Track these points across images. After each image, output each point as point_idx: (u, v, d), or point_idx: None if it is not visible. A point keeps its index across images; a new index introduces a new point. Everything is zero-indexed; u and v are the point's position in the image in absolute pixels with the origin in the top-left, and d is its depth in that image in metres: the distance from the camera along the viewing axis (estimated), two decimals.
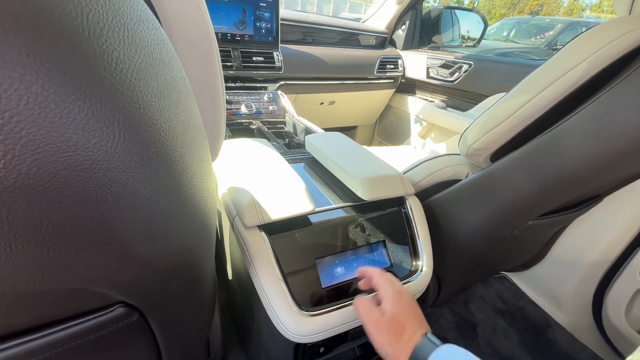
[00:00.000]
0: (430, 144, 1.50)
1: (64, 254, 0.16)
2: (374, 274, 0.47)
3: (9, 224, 0.12)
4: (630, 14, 0.48)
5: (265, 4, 1.10)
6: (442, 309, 0.98)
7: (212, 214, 0.33)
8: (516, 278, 1.09)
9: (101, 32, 0.12)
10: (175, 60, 0.19)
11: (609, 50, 0.44)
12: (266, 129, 0.99)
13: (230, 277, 0.73)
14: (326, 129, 0.98)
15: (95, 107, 0.12)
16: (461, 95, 1.41)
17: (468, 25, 1.62)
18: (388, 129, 1.81)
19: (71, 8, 0.10)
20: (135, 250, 0.20)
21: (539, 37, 6.03)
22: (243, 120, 1.04)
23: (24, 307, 0.23)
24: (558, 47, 5.22)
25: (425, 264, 0.60)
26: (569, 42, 0.50)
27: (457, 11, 1.59)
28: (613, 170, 0.55)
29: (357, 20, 1.67)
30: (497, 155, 0.61)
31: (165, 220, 0.20)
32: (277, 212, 0.50)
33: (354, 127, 1.85)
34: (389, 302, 0.43)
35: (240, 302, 0.69)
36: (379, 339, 0.42)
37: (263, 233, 0.50)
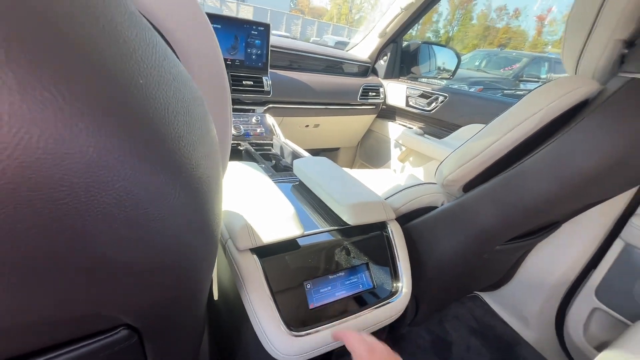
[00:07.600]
0: (409, 168, 1.58)
1: (105, 287, 0.18)
2: (344, 337, 0.48)
3: (89, 271, 0.15)
4: (576, 73, 0.57)
5: (256, 32, 1.16)
6: (418, 328, 1.02)
7: (218, 242, 0.36)
8: (487, 297, 1.15)
9: (174, 118, 0.15)
10: (211, 123, 0.22)
11: (559, 103, 0.53)
12: (254, 151, 1.02)
13: (216, 297, 0.74)
14: (310, 150, 1.02)
15: (167, 175, 0.15)
16: (437, 124, 1.51)
17: (443, 58, 1.76)
18: (369, 151, 1.89)
19: (158, 106, 0.14)
20: (161, 282, 0.22)
21: (507, 68, 6.52)
22: (232, 141, 1.07)
23: (42, 330, 0.24)
24: (524, 78, 5.70)
25: (404, 285, 0.64)
26: (528, 93, 0.59)
27: (433, 46, 1.72)
28: (567, 202, 0.62)
29: (341, 44, 1.76)
30: (468, 187, 0.67)
31: (190, 255, 0.23)
32: (269, 235, 0.53)
33: (337, 149, 1.92)
34: None
35: (226, 323, 0.70)
36: None
37: (255, 256, 0.52)
